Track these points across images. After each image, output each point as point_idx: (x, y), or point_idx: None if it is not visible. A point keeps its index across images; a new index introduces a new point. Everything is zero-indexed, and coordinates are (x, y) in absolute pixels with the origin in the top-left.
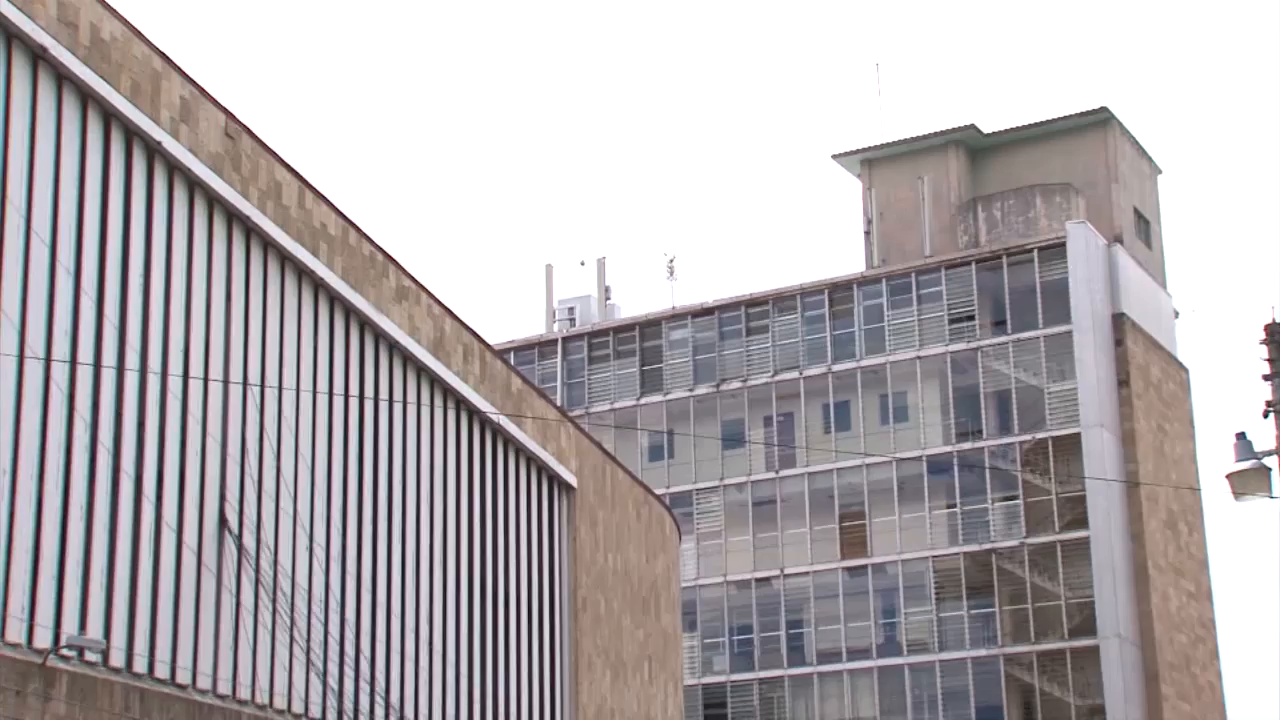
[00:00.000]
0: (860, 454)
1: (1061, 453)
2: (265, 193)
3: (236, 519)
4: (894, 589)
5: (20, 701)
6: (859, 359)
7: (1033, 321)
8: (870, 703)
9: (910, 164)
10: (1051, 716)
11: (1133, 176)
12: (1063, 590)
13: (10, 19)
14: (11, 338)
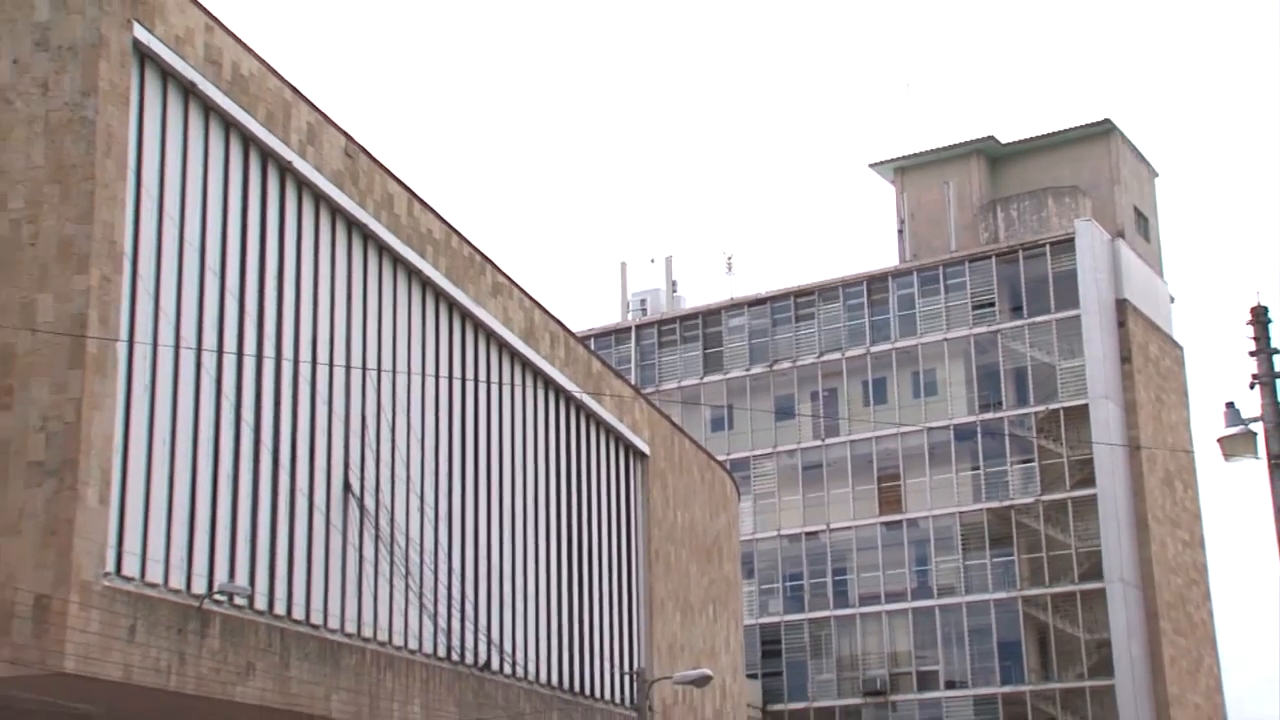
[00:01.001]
0: (895, 424)
1: (1071, 421)
2: (379, 203)
3: (359, 484)
4: (925, 540)
5: (182, 638)
6: (893, 341)
7: (1045, 307)
8: (905, 639)
9: (937, 171)
10: (1064, 650)
11: (1133, 179)
12: (1073, 540)
13: (165, 59)
14: (169, 331)
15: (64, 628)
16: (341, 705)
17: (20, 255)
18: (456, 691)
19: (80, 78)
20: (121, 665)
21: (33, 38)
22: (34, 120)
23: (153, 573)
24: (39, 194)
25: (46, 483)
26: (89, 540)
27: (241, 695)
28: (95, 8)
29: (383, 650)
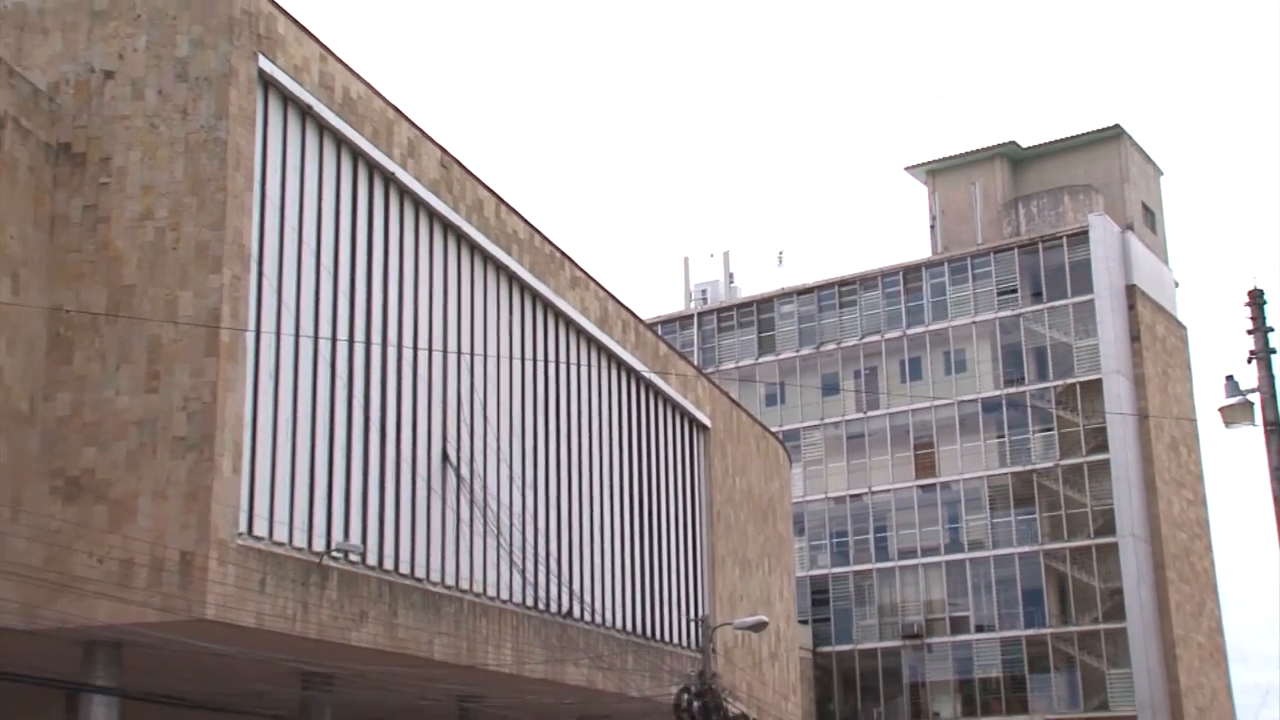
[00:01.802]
0: (929, 398)
1: (1087, 394)
2: (471, 208)
3: (455, 454)
4: (957, 501)
5: (304, 589)
6: (927, 324)
7: (1063, 292)
8: (939, 589)
9: (965, 173)
10: (1081, 597)
11: (1140, 177)
12: (1089, 500)
13: (286, 85)
14: (290, 321)
15: (205, 580)
16: (443, 648)
17: (164, 258)
18: (542, 636)
19: (214, 104)
20: (254, 613)
21: (174, 70)
22: (175, 141)
23: (279, 533)
24: (180, 205)
25: (188, 455)
26: (225, 504)
27: (356, 639)
28: (226, 43)
29: (478, 600)
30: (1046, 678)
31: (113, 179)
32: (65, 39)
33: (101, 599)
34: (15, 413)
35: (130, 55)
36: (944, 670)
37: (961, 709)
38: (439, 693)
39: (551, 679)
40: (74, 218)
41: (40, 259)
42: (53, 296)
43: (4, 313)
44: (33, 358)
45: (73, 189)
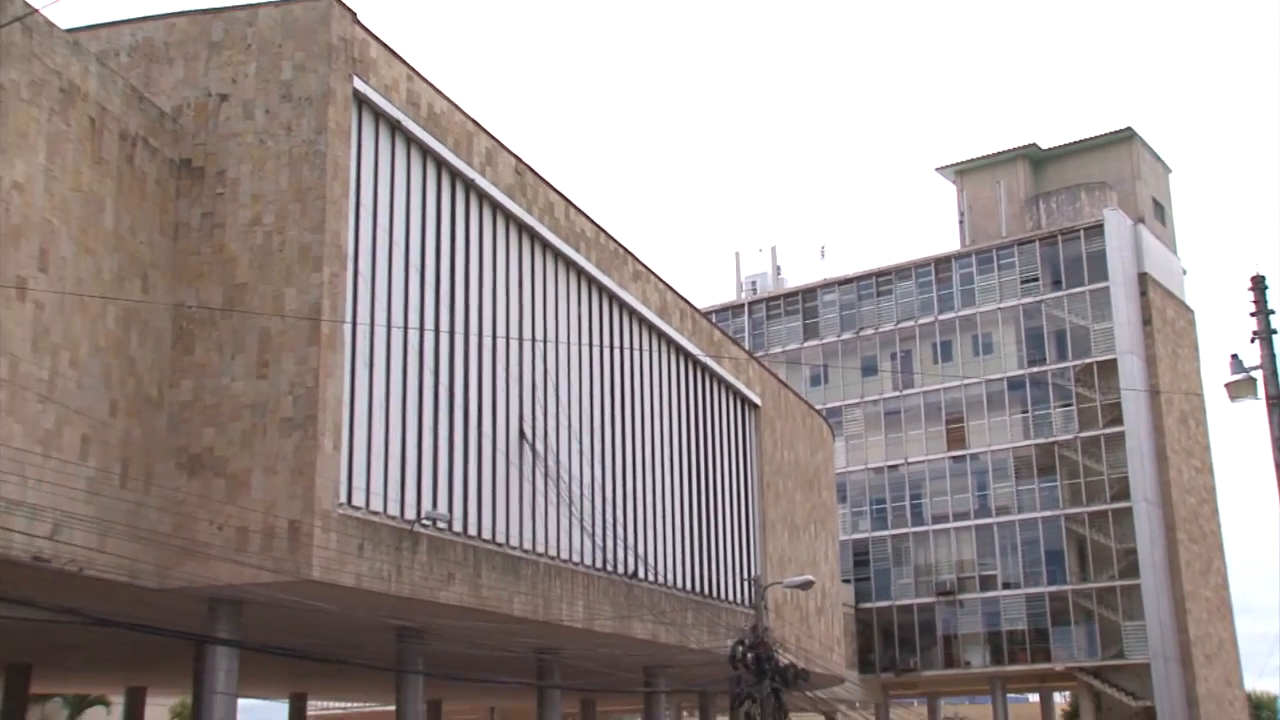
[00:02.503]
0: (959, 377)
1: (1103, 372)
2: (543, 210)
3: (531, 432)
4: (985, 470)
5: (398, 554)
6: (957, 311)
7: (1080, 280)
8: (970, 550)
9: (990, 172)
10: (1099, 557)
11: (1150, 175)
12: (1105, 469)
13: (377, 103)
14: (382, 314)
15: (310, 546)
16: (521, 606)
17: (272, 259)
18: (611, 595)
19: (314, 121)
20: (354, 574)
21: (280, 92)
22: (280, 155)
23: (375, 503)
24: (285, 211)
25: (295, 434)
26: (327, 478)
27: (444, 598)
28: (325, 66)
29: (552, 563)
30: (1067, 630)
31: (227, 189)
32: (187, 67)
33: (222, 562)
34: (146, 398)
35: (242, 80)
36: (974, 624)
37: (990, 658)
38: (519, 646)
39: (619, 633)
40: (194, 224)
41: (166, 261)
42: (176, 294)
43: (136, 310)
44: (160, 349)
45: (193, 199)
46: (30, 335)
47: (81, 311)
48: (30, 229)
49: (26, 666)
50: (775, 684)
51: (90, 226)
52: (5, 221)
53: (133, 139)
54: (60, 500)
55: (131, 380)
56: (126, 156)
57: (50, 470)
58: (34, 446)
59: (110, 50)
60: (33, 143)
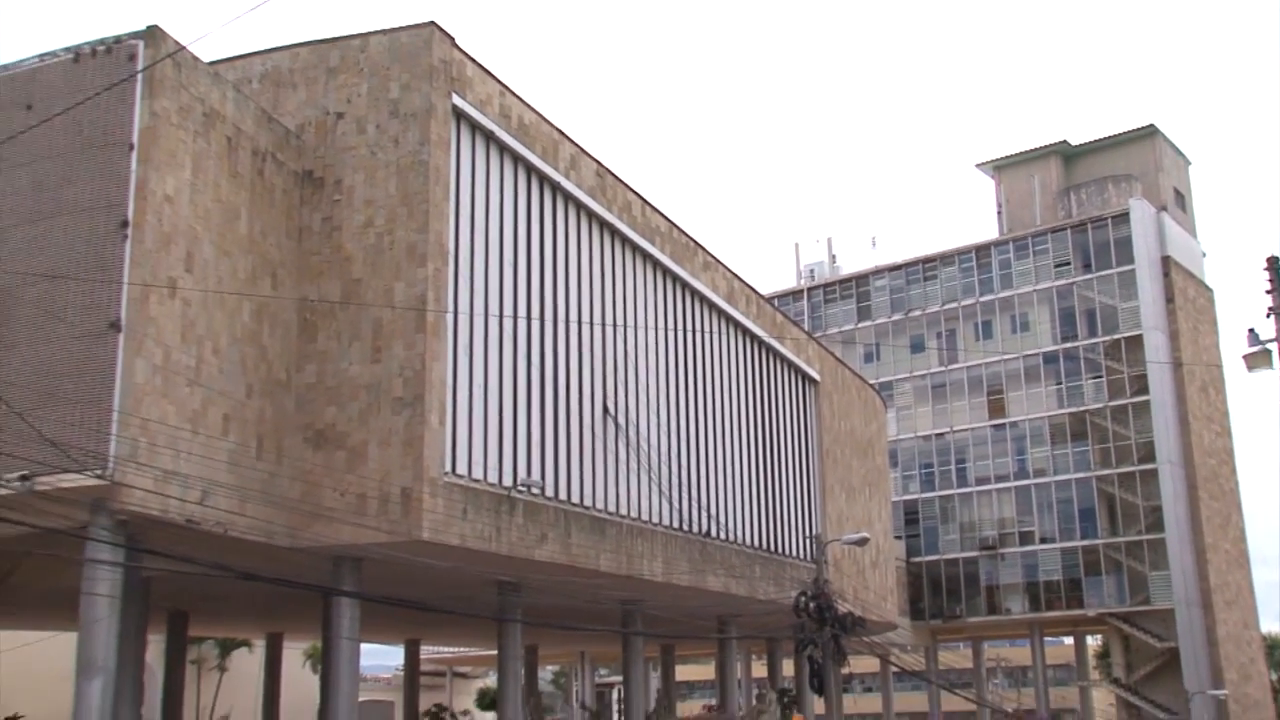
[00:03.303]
0: (999, 353)
1: (1130, 347)
2: (621, 208)
3: (614, 406)
4: (1023, 436)
5: (497, 516)
6: (996, 293)
7: (1109, 263)
8: (1010, 508)
9: (1025, 167)
10: (1127, 514)
11: (1172, 167)
12: (1133, 434)
13: (473, 116)
14: (480, 303)
15: (420, 510)
16: (607, 562)
17: (383, 257)
18: (687, 552)
19: (419, 134)
20: (459, 535)
21: (388, 109)
22: (389, 164)
23: (476, 471)
24: (394, 214)
25: (404, 411)
26: (434, 450)
27: (539, 555)
28: (427, 85)
29: (634, 524)
30: (1099, 579)
31: (343, 196)
32: (308, 90)
33: (344, 524)
34: (276, 381)
35: (355, 99)
36: (1014, 575)
37: (1029, 606)
38: (605, 597)
39: (695, 586)
40: (315, 228)
41: (292, 261)
42: (301, 290)
43: (267, 304)
44: (288, 338)
45: (314, 206)
46: (179, 328)
47: (221, 307)
48: (178, 235)
49: (185, 613)
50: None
51: (228, 232)
52: (158, 230)
53: (263, 155)
54: (207, 471)
55: (264, 366)
56: (258, 170)
57: (198, 445)
58: (184, 424)
59: (244, 78)
60: (180, 161)
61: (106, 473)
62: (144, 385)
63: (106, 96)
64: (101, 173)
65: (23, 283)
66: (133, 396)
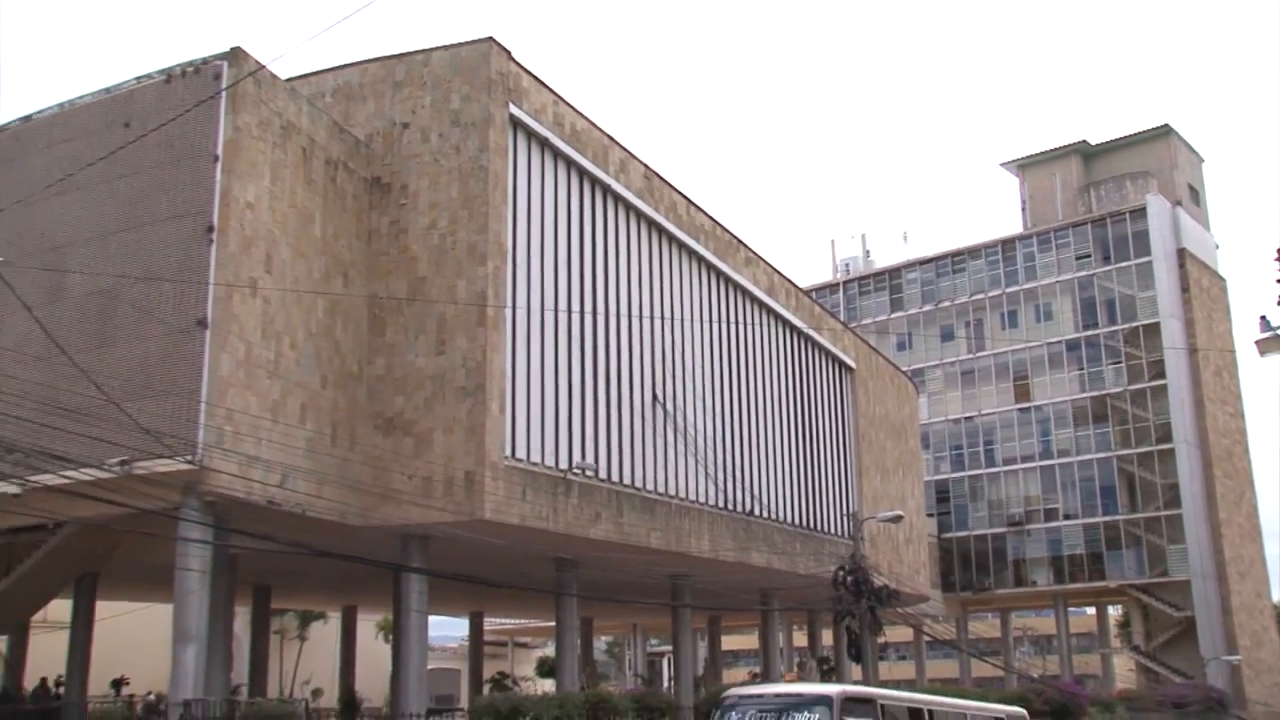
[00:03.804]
0: (1024, 341)
1: (1148, 334)
2: (668, 208)
3: (663, 394)
4: (1047, 419)
5: (554, 497)
6: (1021, 284)
7: (1127, 255)
8: (1035, 486)
9: (1048, 165)
10: (1146, 491)
11: (1186, 164)
12: (1151, 416)
13: (529, 124)
14: (536, 298)
15: (482, 491)
16: (657, 540)
17: (446, 256)
18: (731, 530)
19: (478, 141)
20: (518, 515)
21: (450, 119)
22: (451, 170)
23: (534, 456)
24: (456, 216)
25: (467, 400)
26: (495, 436)
27: (593, 534)
28: (485, 96)
29: (682, 503)
30: (1119, 553)
31: (409, 201)
32: (376, 103)
33: (412, 505)
34: (348, 372)
35: (420, 110)
36: (1039, 549)
37: (1053, 578)
38: (656, 573)
39: (739, 562)
40: (383, 230)
41: (362, 261)
42: (371, 288)
43: (339, 301)
44: (359, 333)
45: (382, 209)
46: (260, 324)
47: (298, 304)
48: (258, 239)
49: (268, 588)
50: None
51: (303, 235)
52: (240, 234)
53: (335, 163)
54: (286, 456)
55: (337, 359)
56: (330, 178)
57: (278, 432)
58: (265, 413)
59: (318, 93)
60: (260, 170)
61: (196, 458)
62: (228, 377)
63: (194, 113)
64: (190, 183)
65: (122, 285)
66: (218, 388)
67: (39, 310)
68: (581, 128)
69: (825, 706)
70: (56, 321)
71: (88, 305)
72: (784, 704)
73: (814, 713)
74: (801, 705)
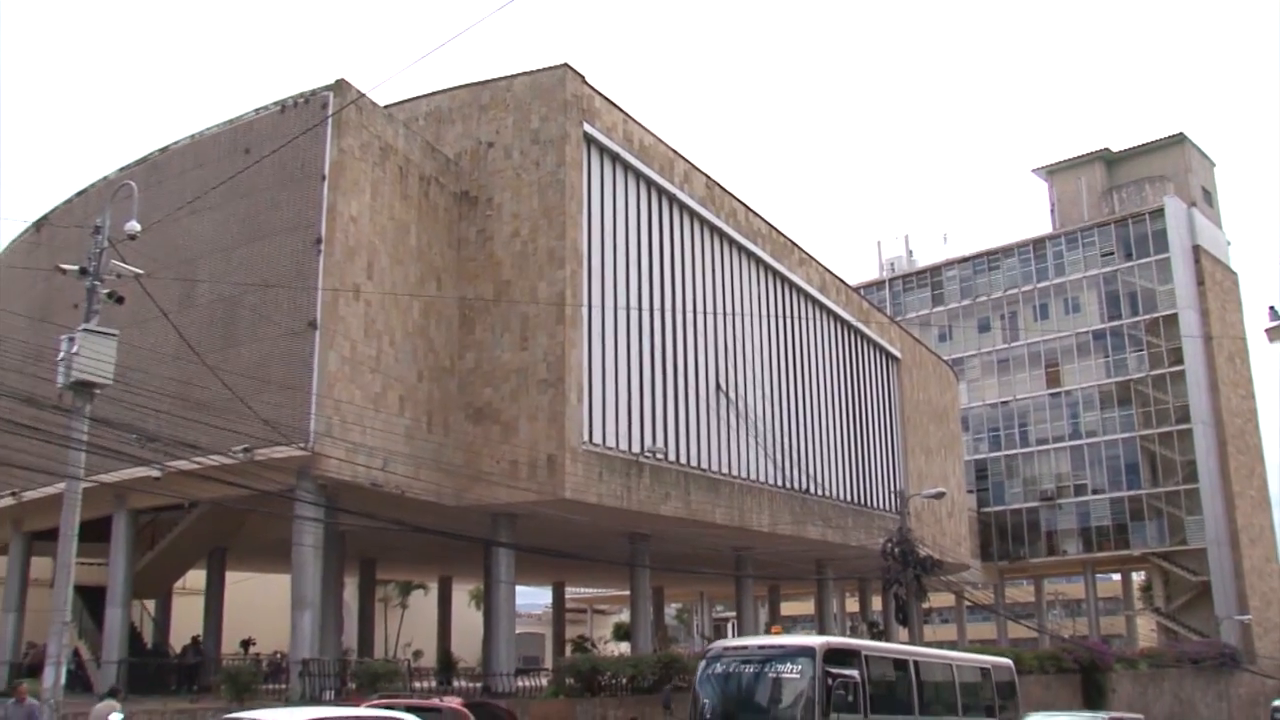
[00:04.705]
0: (1055, 331)
1: (1167, 324)
2: (729, 214)
3: (725, 384)
4: (1076, 403)
5: (628, 478)
6: (1051, 279)
7: (1147, 253)
8: (1066, 465)
9: (1074, 171)
10: (1166, 468)
11: (1200, 168)
12: (1170, 399)
13: (601, 140)
14: (610, 298)
15: (563, 474)
16: (722, 516)
17: (528, 261)
18: (789, 506)
19: (555, 157)
20: (596, 494)
21: (530, 137)
22: (532, 184)
23: (609, 441)
24: (536, 225)
25: (548, 391)
26: (573, 423)
27: (663, 511)
28: (562, 116)
29: (744, 483)
30: (1142, 524)
31: (494, 212)
32: (464, 125)
33: (500, 486)
34: (441, 367)
35: (503, 130)
36: (1070, 521)
37: (1082, 548)
38: (720, 546)
39: (796, 535)
40: (471, 239)
41: (452, 267)
42: (460, 291)
43: (433, 303)
44: (450, 331)
45: (470, 220)
46: (363, 325)
47: (396, 306)
48: (361, 249)
49: (373, 561)
50: (916, 571)
51: (400, 245)
52: (345, 245)
53: (428, 179)
54: (387, 443)
55: (431, 355)
56: (424, 192)
57: (380, 421)
58: (368, 405)
59: (412, 117)
60: (362, 187)
61: (308, 445)
62: (336, 373)
63: (305, 137)
64: (301, 200)
65: (243, 292)
66: (327, 382)
67: (174, 316)
68: (649, 143)
69: (808, 658)
70: (188, 326)
71: (214, 311)
72: (767, 655)
73: (797, 664)
74: (785, 656)
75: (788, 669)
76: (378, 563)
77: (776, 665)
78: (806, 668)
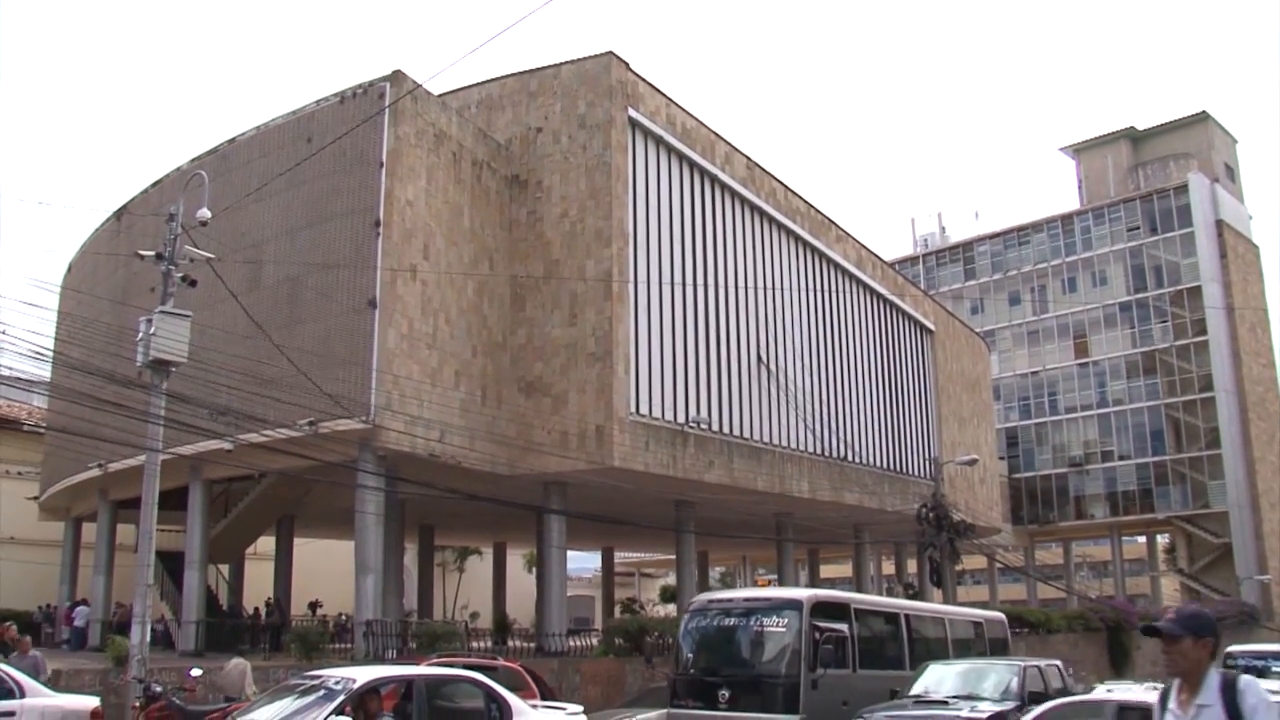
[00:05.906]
0: (1083, 304)
1: (1191, 296)
2: (768, 194)
3: (767, 356)
4: (1104, 373)
5: (673, 448)
6: (1079, 254)
7: (1172, 227)
8: (1093, 431)
9: (1100, 149)
10: (1190, 435)
11: (1222, 145)
12: (1194, 368)
13: (645, 124)
14: (655, 274)
15: (612, 443)
16: (763, 483)
17: (576, 240)
18: (828, 473)
19: (602, 141)
20: (643, 463)
21: (578, 122)
22: (580, 166)
23: (655, 411)
24: (584, 205)
25: (597, 365)
26: (621, 395)
27: (708, 478)
28: (608, 102)
29: (784, 451)
30: (1167, 489)
31: (543, 194)
32: (514, 111)
33: (551, 456)
34: (495, 343)
35: (551, 115)
36: (1097, 486)
37: (1109, 512)
38: (762, 512)
39: (834, 501)
40: (521, 220)
41: (504, 247)
42: (512, 269)
43: (486, 281)
44: (503, 308)
45: (520, 202)
46: (420, 303)
47: (451, 285)
48: (418, 231)
49: (431, 527)
50: (950, 535)
51: (454, 227)
52: (402, 227)
53: (480, 164)
54: (443, 415)
55: (485, 331)
56: (476, 176)
57: (437, 395)
58: (425, 379)
59: (465, 105)
60: (417, 173)
61: (370, 419)
62: (394, 349)
63: (363, 126)
64: (360, 186)
65: (306, 273)
66: (386, 358)
67: (242, 297)
68: (691, 126)
69: (795, 610)
70: (255, 306)
71: (279, 291)
72: (752, 607)
73: (783, 617)
74: (771, 609)
75: (773, 622)
76: (436, 529)
77: (762, 618)
78: (793, 621)
